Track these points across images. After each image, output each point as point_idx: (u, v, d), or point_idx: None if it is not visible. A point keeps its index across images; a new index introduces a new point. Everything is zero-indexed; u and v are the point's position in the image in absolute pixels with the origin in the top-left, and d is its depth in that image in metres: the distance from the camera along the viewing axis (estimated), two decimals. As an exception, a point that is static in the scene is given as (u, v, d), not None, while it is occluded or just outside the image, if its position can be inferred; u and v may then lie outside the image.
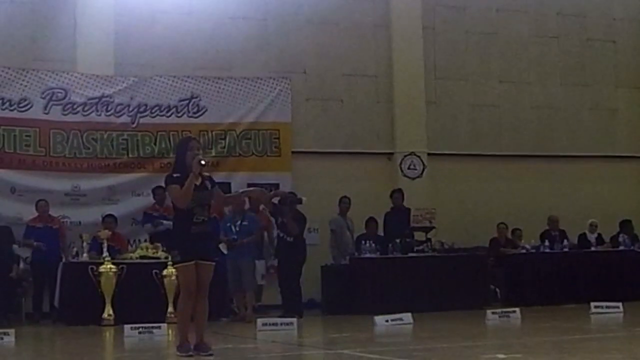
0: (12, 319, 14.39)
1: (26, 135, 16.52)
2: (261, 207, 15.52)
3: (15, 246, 15.42)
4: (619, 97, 21.18)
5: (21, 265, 15.54)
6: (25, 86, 16.58)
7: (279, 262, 15.43)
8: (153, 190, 16.11)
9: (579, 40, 20.87)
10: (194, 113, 17.47)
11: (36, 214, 15.66)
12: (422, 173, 19.04)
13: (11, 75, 16.54)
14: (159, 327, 11.98)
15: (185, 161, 9.04)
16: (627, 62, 21.24)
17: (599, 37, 21.03)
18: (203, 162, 8.96)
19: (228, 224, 15.13)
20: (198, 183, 8.97)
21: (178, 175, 9.01)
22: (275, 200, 14.52)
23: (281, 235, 15.18)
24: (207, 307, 9.24)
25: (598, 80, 20.97)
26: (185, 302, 9.07)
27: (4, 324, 13.51)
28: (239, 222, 14.96)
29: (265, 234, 16.11)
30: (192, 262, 8.96)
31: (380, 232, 16.82)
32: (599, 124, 20.90)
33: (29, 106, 16.58)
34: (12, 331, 11.39)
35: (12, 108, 16.49)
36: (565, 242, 17.44)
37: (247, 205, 15.24)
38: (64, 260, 14.94)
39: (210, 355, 8.90)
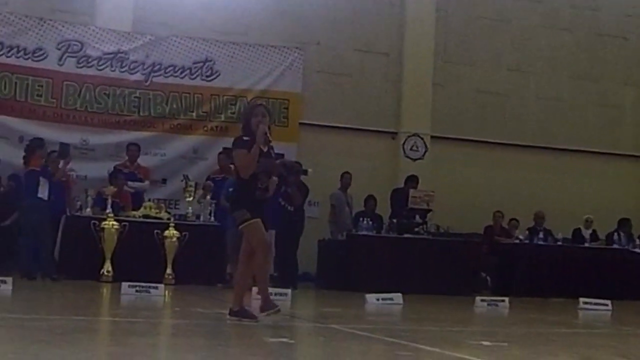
0: (11, 269, 14.39)
1: (39, 85, 16.63)
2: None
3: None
4: (627, 94, 21.29)
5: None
6: (42, 36, 16.66)
7: (277, 232, 15.55)
8: (127, 146, 16.08)
9: (590, 35, 20.95)
10: (207, 76, 17.59)
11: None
12: (423, 155, 19.20)
13: (28, 24, 16.59)
14: (156, 288, 12.02)
15: (250, 127, 8.96)
16: (637, 60, 21.31)
17: (610, 33, 21.10)
18: (268, 134, 8.88)
19: (231, 189, 15.23)
20: (264, 150, 8.89)
21: (247, 139, 8.91)
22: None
23: (283, 204, 15.26)
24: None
25: (606, 76, 21.05)
26: (260, 259, 9.02)
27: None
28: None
29: None
30: (259, 219, 8.89)
31: (378, 211, 16.99)
32: (604, 120, 21.00)
33: (43, 56, 16.67)
34: (9, 279, 11.37)
35: (26, 57, 16.58)
36: (550, 239, 17.51)
37: None
38: (67, 213, 14.90)
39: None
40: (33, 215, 14.03)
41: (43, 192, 14.15)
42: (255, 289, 9.95)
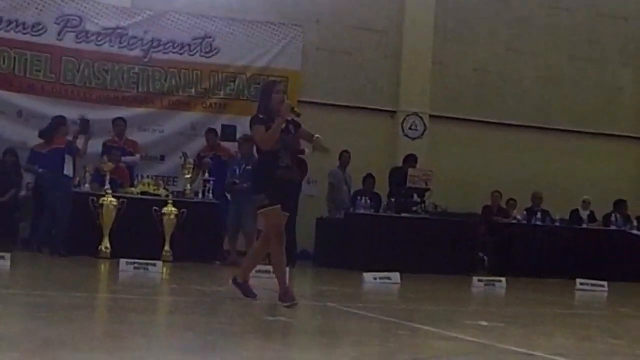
0: (9, 243, 14.28)
1: (37, 60, 16.61)
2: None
3: (22, 170, 15.49)
4: (625, 76, 21.27)
5: (23, 192, 15.65)
6: (41, 11, 16.63)
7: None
8: (113, 121, 15.92)
9: (590, 15, 20.90)
10: (206, 53, 17.56)
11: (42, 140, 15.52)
12: (422, 134, 19.21)
13: (28, -2, 16.55)
14: (155, 265, 12.01)
15: (270, 104, 8.83)
16: (636, 41, 21.28)
17: (610, 14, 21.03)
18: (294, 107, 8.86)
19: (235, 167, 15.31)
20: (283, 127, 8.77)
21: (263, 117, 8.79)
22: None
23: None
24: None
25: (605, 57, 21.03)
26: (277, 248, 8.94)
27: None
28: (244, 166, 14.97)
29: None
30: (279, 206, 8.74)
31: (377, 190, 17.00)
32: (603, 102, 21.00)
33: (42, 31, 16.65)
34: (8, 255, 11.33)
35: (25, 32, 16.55)
36: (548, 219, 17.52)
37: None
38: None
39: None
40: (58, 192, 14.10)
41: (69, 170, 14.28)
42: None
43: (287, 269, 9.22)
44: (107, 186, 14.32)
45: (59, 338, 5.98)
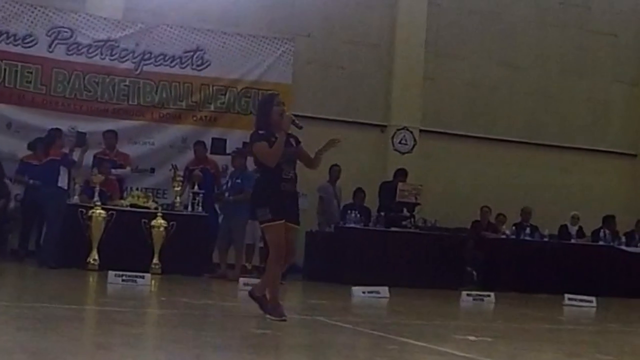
0: None
1: (28, 72, 16.52)
2: None
3: (7, 181, 15.47)
4: (615, 91, 21.36)
5: (12, 203, 15.59)
6: (32, 22, 16.53)
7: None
8: (103, 134, 15.97)
9: (581, 31, 20.99)
10: (198, 66, 17.52)
11: (31, 152, 15.47)
12: (412, 149, 19.23)
13: (19, 9, 16.47)
14: (143, 277, 12.04)
15: (269, 117, 8.82)
16: (626, 57, 21.39)
17: (600, 30, 21.13)
18: (294, 119, 8.81)
19: (227, 179, 15.41)
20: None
21: (263, 132, 8.76)
22: None
23: None
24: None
25: (595, 73, 21.12)
26: (275, 263, 8.80)
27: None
28: (234, 179, 15.09)
29: None
30: (282, 221, 8.68)
31: (367, 204, 17.00)
32: (593, 117, 21.07)
33: (33, 43, 16.57)
34: None
35: (16, 43, 16.46)
36: (537, 234, 17.52)
37: None
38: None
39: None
40: (51, 204, 14.13)
41: (63, 182, 14.34)
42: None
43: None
44: (96, 198, 14.31)
45: (46, 350, 5.98)
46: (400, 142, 19.17)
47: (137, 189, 15.93)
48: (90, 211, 14.13)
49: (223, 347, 6.97)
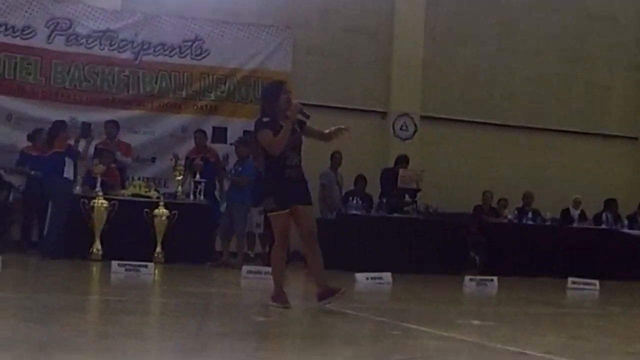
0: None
1: (27, 64, 16.55)
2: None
3: (1, 171, 15.54)
4: (615, 75, 21.34)
5: (12, 194, 15.58)
6: (30, 14, 16.55)
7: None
8: (105, 124, 15.96)
9: (580, 16, 20.95)
10: (197, 55, 17.52)
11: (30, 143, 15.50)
12: (413, 135, 19.23)
13: (17, 1, 16.48)
14: (146, 266, 12.04)
15: (276, 105, 8.77)
16: (626, 42, 21.34)
17: (600, 14, 21.08)
18: (302, 109, 8.77)
19: (230, 168, 15.55)
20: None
21: (268, 119, 8.73)
22: None
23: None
24: (320, 252, 9.07)
25: (595, 57, 21.07)
26: (278, 251, 8.90)
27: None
28: (237, 168, 15.23)
29: None
30: (286, 211, 8.72)
31: (368, 190, 16.99)
32: (592, 101, 21.05)
33: (32, 34, 16.58)
34: None
35: (15, 35, 16.49)
36: (539, 219, 17.51)
37: None
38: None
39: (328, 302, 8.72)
40: (58, 195, 14.16)
41: (69, 173, 14.36)
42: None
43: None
44: (98, 188, 14.31)
45: (50, 340, 5.97)
46: (401, 129, 19.17)
47: (138, 179, 15.97)
48: (93, 201, 14.14)
49: (227, 335, 6.96)
